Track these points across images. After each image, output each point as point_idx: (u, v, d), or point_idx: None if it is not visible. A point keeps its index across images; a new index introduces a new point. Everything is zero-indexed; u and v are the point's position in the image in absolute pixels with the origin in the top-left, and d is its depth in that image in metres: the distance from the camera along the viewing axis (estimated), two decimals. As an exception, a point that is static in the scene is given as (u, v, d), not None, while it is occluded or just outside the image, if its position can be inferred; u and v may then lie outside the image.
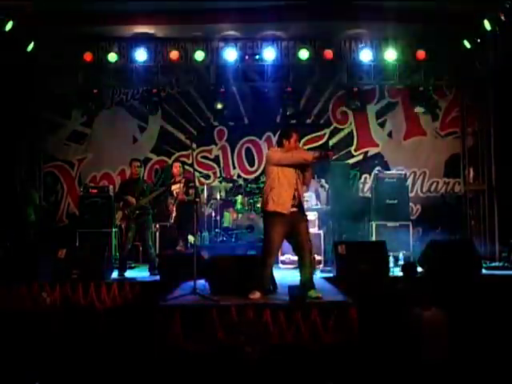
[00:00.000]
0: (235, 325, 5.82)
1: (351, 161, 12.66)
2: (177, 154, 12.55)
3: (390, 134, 12.85)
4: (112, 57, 11.10)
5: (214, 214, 11.40)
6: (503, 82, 10.75)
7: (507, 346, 5.88)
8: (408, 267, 7.82)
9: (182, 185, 9.69)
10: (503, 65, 10.34)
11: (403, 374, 5.47)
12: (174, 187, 9.81)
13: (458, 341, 5.96)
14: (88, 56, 11.07)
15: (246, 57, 11.31)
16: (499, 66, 10.53)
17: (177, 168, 9.93)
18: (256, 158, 12.82)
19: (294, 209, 6.47)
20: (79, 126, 12.69)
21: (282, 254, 10.21)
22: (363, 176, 12.75)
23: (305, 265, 6.50)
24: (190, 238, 9.79)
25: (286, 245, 10.33)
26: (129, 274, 9.36)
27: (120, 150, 12.62)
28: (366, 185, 12.70)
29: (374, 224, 10.80)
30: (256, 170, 12.76)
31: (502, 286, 7.97)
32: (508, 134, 10.84)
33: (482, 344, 5.98)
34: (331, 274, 8.72)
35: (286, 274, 8.85)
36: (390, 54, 11.17)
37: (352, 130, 12.87)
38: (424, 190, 12.70)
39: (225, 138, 12.86)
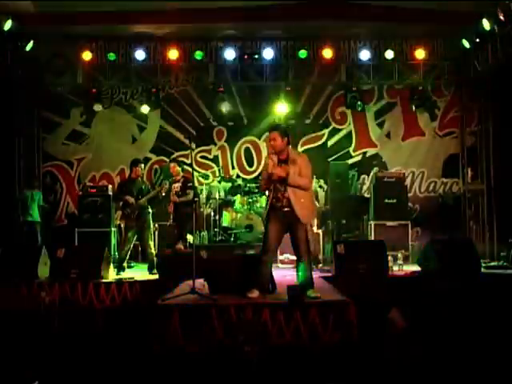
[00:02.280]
0: (234, 324, 5.81)
1: (350, 161, 12.68)
2: (176, 154, 12.54)
3: (388, 135, 12.86)
4: (111, 56, 11.10)
5: (213, 214, 11.40)
6: (502, 82, 10.76)
7: (506, 345, 5.88)
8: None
9: (180, 184, 9.69)
10: (502, 64, 10.35)
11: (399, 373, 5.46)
12: (173, 186, 9.81)
13: (456, 340, 5.96)
14: (87, 55, 11.07)
15: (245, 56, 11.31)
16: (498, 66, 10.54)
17: (174, 168, 9.93)
18: (255, 158, 12.83)
19: (287, 209, 6.46)
20: (78, 126, 12.69)
21: (281, 254, 10.22)
22: (362, 176, 12.78)
23: (303, 264, 6.49)
24: (189, 238, 9.79)
25: (285, 244, 10.38)
26: (128, 273, 9.35)
27: (119, 149, 12.66)
28: (364, 185, 12.72)
29: (372, 223, 10.82)
30: (255, 170, 12.76)
31: (500, 285, 7.97)
32: (507, 133, 10.84)
33: (481, 343, 5.98)
34: (330, 274, 8.72)
35: (285, 274, 8.86)
36: (389, 54, 11.17)
37: (351, 131, 12.88)
38: (422, 189, 12.71)
39: (224, 138, 12.87)
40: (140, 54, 11.15)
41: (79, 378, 5.28)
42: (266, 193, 6.76)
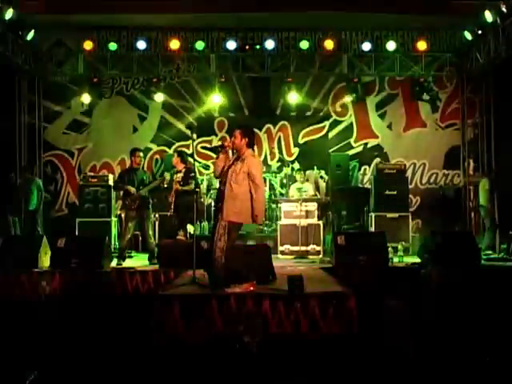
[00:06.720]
0: (234, 315, 5.82)
1: (351, 152, 12.66)
2: (177, 144, 12.53)
3: (389, 126, 12.83)
4: (112, 46, 11.07)
5: (213, 204, 11.38)
6: (504, 74, 10.73)
7: (507, 336, 5.90)
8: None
9: (182, 174, 9.68)
10: (504, 56, 10.33)
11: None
12: (176, 176, 9.81)
13: (456, 332, 5.98)
14: (88, 45, 11.05)
15: (247, 47, 11.28)
16: (500, 58, 10.51)
17: (177, 159, 9.94)
18: (256, 149, 12.77)
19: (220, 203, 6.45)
20: (79, 115, 12.66)
21: (282, 245, 10.23)
22: (363, 167, 12.75)
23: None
24: (190, 228, 9.78)
25: (284, 235, 10.40)
26: (128, 263, 9.36)
27: (120, 139, 12.63)
28: (365, 176, 12.70)
29: (373, 215, 10.80)
30: (256, 161, 12.70)
31: (501, 277, 7.98)
32: (508, 125, 10.83)
33: (481, 335, 5.99)
34: (330, 265, 8.72)
35: (285, 264, 8.87)
36: (391, 45, 11.14)
37: (352, 122, 12.84)
38: (423, 181, 12.70)
39: (225, 129, 12.82)
40: (141, 44, 11.12)
41: (79, 368, 5.30)
42: None
